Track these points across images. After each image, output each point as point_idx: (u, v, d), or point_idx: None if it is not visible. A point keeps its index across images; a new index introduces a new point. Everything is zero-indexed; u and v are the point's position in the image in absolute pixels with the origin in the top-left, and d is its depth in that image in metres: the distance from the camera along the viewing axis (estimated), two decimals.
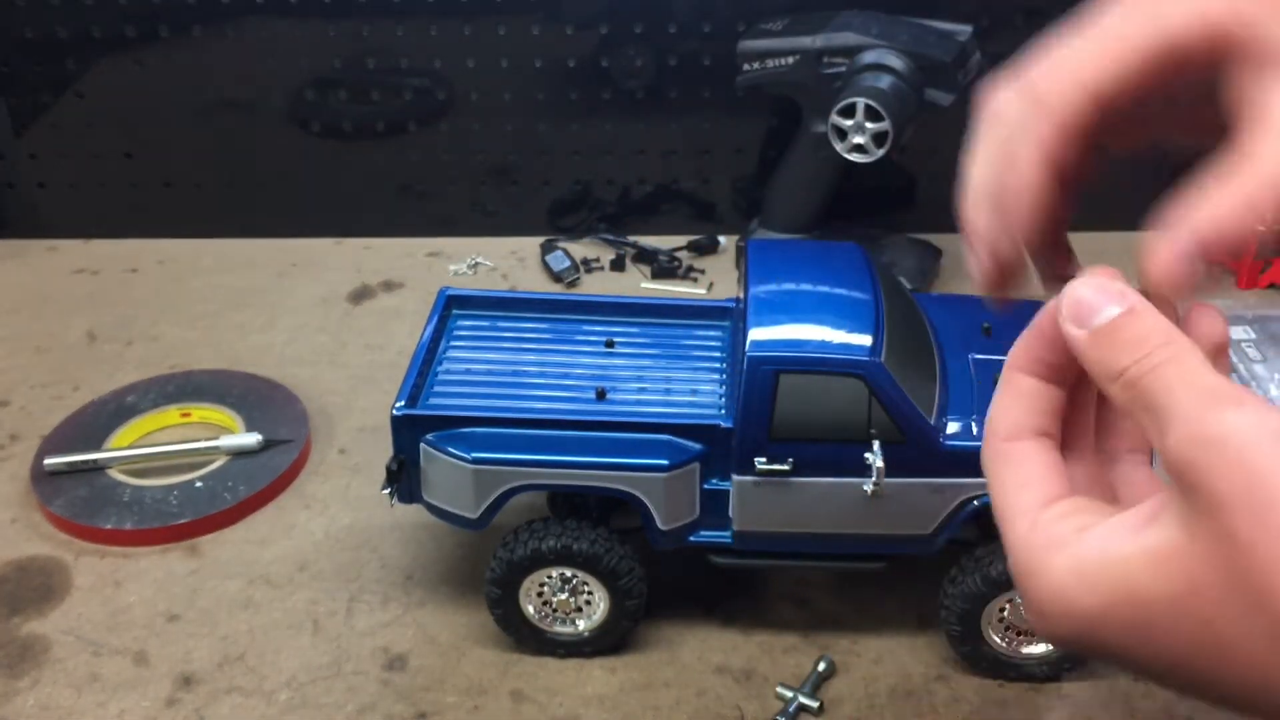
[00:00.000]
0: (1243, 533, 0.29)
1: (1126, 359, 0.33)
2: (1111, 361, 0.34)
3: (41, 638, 0.89)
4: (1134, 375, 0.33)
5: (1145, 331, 0.34)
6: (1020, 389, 0.39)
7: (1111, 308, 0.35)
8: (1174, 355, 0.33)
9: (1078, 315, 0.35)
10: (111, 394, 1.13)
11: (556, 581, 0.84)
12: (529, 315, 0.95)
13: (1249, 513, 0.29)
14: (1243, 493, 0.29)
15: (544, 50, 1.34)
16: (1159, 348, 0.33)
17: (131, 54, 1.35)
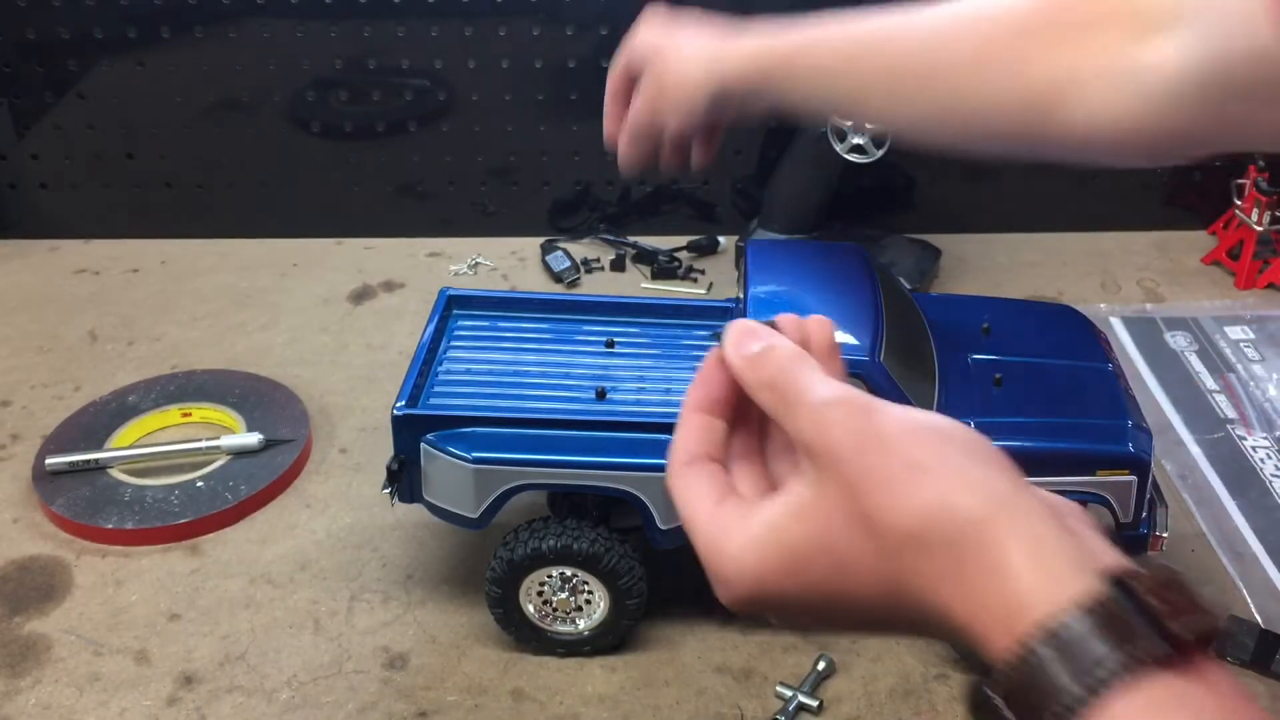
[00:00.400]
0: (852, 476, 0.39)
1: (770, 371, 0.44)
2: (760, 375, 0.44)
3: (43, 637, 0.89)
4: (777, 381, 0.43)
5: (780, 354, 0.44)
6: (693, 424, 0.47)
7: (758, 342, 0.45)
8: (797, 366, 0.44)
9: (738, 346, 0.45)
10: (113, 394, 1.14)
11: (557, 581, 0.84)
12: (529, 315, 0.96)
13: (854, 462, 0.39)
14: (847, 448, 0.39)
15: (544, 51, 1.34)
16: (788, 360, 0.44)
17: (133, 55, 1.35)
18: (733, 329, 0.46)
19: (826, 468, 0.40)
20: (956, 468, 0.38)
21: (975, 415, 0.82)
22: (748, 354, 0.45)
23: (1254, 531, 0.97)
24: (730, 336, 0.46)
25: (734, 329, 0.46)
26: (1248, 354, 1.19)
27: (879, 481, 0.38)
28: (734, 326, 0.46)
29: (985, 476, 0.38)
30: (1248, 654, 0.85)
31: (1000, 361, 0.87)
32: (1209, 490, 1.01)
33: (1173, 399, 1.13)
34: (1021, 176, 1.41)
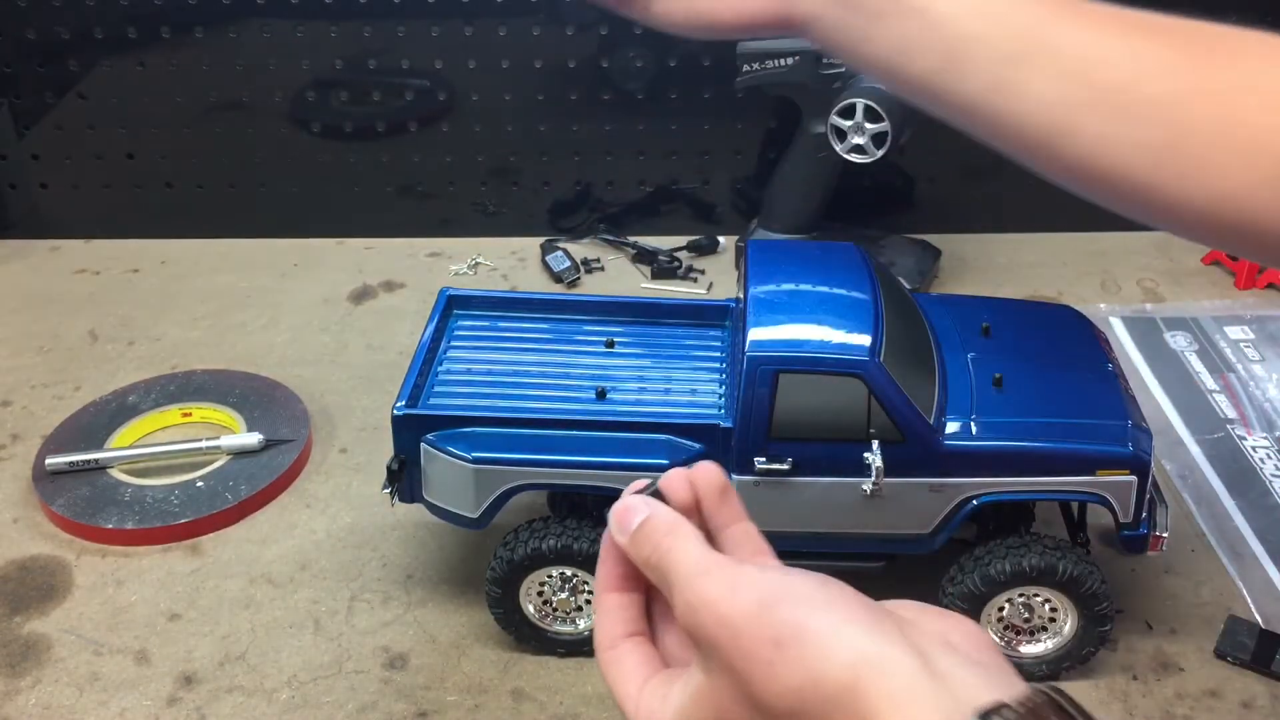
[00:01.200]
0: (729, 660, 0.40)
1: (648, 550, 0.44)
2: (641, 554, 0.44)
3: (43, 637, 0.89)
4: (653, 561, 0.44)
5: (653, 526, 0.44)
6: (608, 605, 0.47)
7: (637, 517, 0.45)
8: (672, 539, 0.44)
9: (620, 526, 0.45)
10: (113, 394, 1.14)
11: (557, 581, 0.84)
12: (529, 315, 0.96)
13: (727, 646, 0.40)
14: (725, 636, 0.40)
15: (544, 51, 1.34)
16: (664, 538, 0.44)
17: (133, 55, 1.35)
18: (615, 509, 0.46)
19: (708, 654, 0.41)
20: (818, 635, 0.39)
21: (974, 415, 0.82)
22: (628, 531, 0.45)
23: (1254, 531, 0.97)
24: (613, 517, 0.46)
25: (616, 509, 0.46)
26: (1248, 354, 1.19)
27: (752, 664, 0.39)
28: (616, 507, 0.46)
29: (849, 637, 0.38)
30: (1248, 654, 0.85)
31: (1000, 361, 0.87)
32: (1209, 490, 1.01)
33: (1173, 399, 1.13)
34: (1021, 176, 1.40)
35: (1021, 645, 0.84)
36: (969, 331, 0.90)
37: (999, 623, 0.83)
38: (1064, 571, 0.80)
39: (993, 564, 0.81)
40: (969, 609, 0.82)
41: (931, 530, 0.82)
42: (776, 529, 0.83)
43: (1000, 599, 0.82)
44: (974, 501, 0.81)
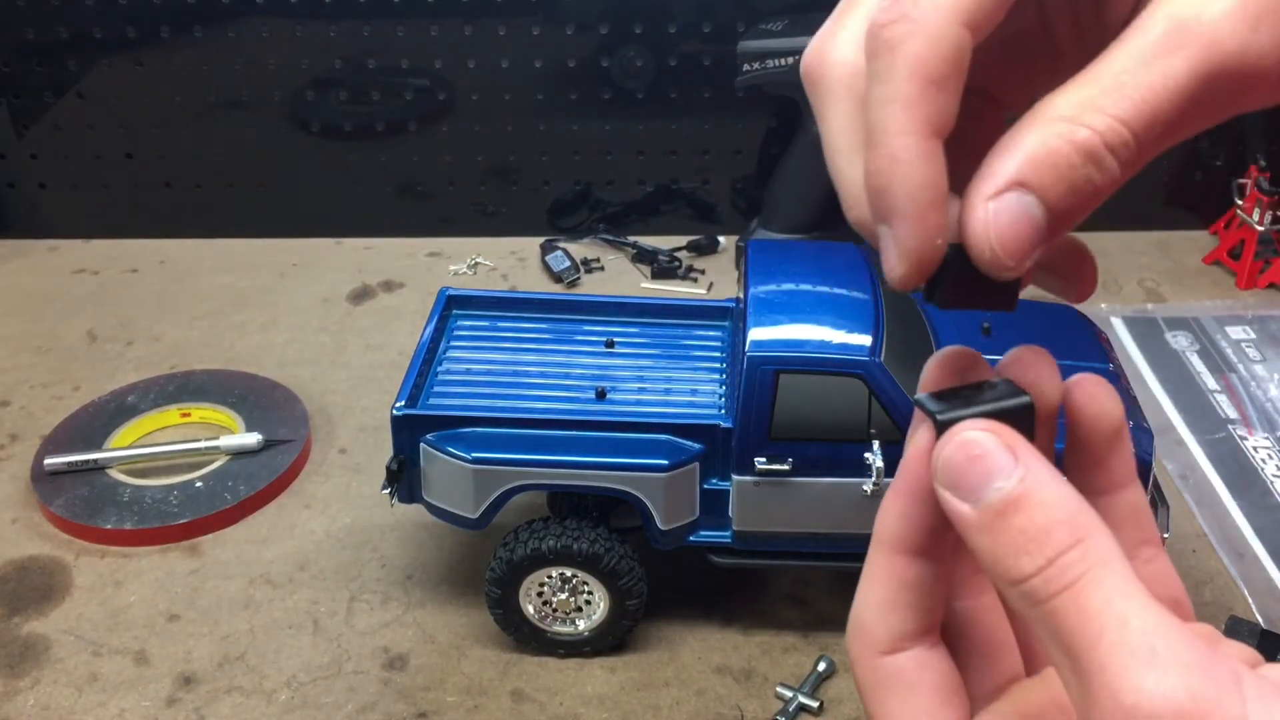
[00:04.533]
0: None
1: (1028, 564, 0.25)
2: (1008, 562, 0.25)
3: (42, 637, 0.89)
4: (1039, 591, 0.25)
5: (1048, 522, 0.25)
6: (898, 577, 0.29)
7: (1000, 480, 0.26)
8: (1092, 570, 0.24)
9: (958, 483, 0.26)
10: (112, 394, 1.13)
11: (556, 581, 0.84)
12: (529, 315, 0.95)
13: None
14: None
15: (544, 51, 1.34)
16: (1069, 552, 0.25)
17: (132, 55, 1.35)
18: (947, 442, 0.27)
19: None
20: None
21: None
22: (980, 498, 0.26)
23: (1255, 532, 0.97)
24: (942, 457, 0.27)
25: (949, 443, 0.27)
26: (1249, 354, 1.19)
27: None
28: (950, 438, 0.27)
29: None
30: None
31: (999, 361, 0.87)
32: (1210, 490, 1.01)
33: (1174, 399, 1.13)
34: None
35: None
36: (969, 331, 0.90)
37: None
38: None
39: None
40: None
41: None
42: (777, 529, 0.83)
43: None
44: None
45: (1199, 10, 0.26)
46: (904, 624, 0.29)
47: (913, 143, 0.26)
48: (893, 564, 0.29)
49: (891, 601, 0.28)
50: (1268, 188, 1.29)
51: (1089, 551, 0.24)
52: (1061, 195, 0.26)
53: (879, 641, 0.29)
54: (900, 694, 0.28)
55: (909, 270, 0.27)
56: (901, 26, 0.27)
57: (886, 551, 0.29)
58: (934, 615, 0.29)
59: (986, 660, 0.31)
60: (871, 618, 0.29)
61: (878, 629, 0.29)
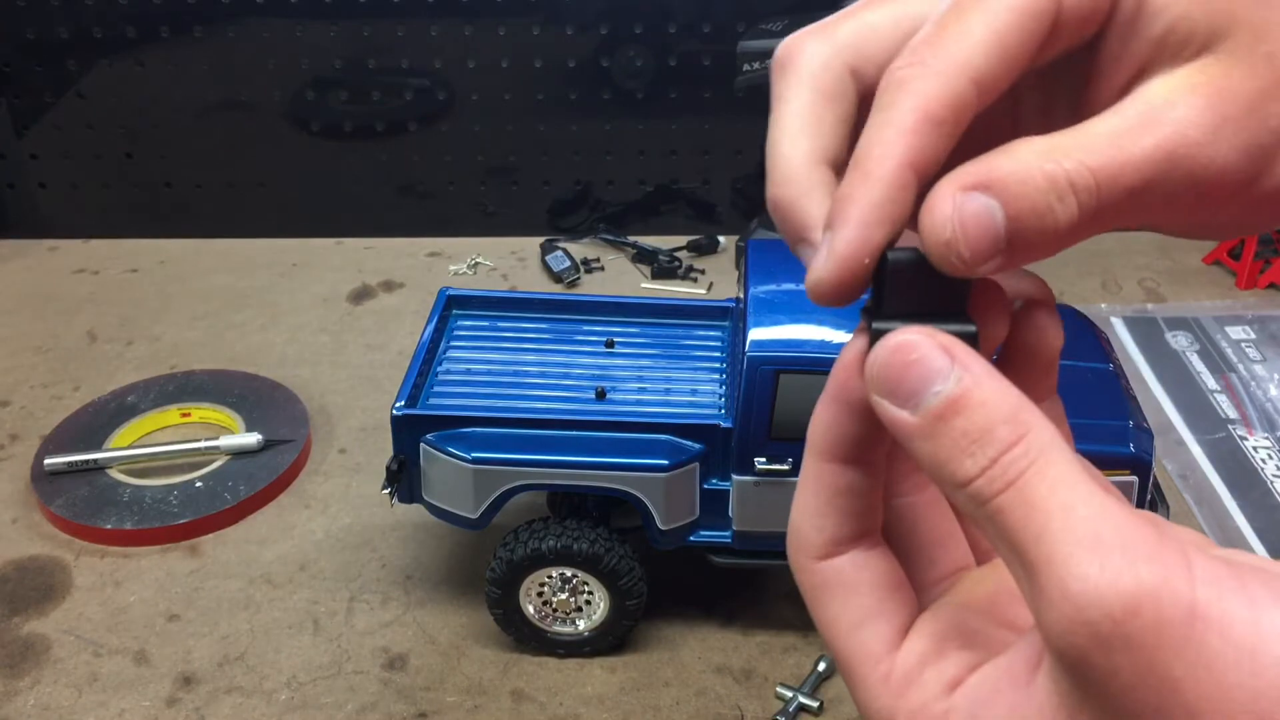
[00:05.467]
0: None
1: (972, 466, 0.24)
2: (952, 465, 0.25)
3: (42, 637, 0.89)
4: (984, 491, 0.24)
5: (989, 421, 0.24)
6: (828, 484, 0.29)
7: (938, 383, 0.25)
8: (1036, 463, 0.24)
9: (894, 390, 0.26)
10: (112, 394, 1.13)
11: (556, 581, 0.84)
12: (529, 315, 0.95)
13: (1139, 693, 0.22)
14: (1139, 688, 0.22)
15: (544, 50, 1.34)
16: (1013, 449, 0.24)
17: (132, 54, 1.35)
18: (882, 347, 0.27)
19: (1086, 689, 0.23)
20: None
21: None
22: (919, 402, 0.25)
23: (1255, 532, 0.97)
24: (875, 361, 0.27)
25: (884, 347, 0.27)
26: (1249, 354, 1.19)
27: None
28: (884, 344, 0.27)
29: None
30: None
31: None
32: (1210, 491, 1.01)
33: (1174, 399, 1.13)
34: None
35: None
36: None
37: None
38: None
39: None
40: None
41: None
42: (777, 529, 0.83)
43: None
44: None
45: (1172, 103, 0.27)
46: (838, 529, 0.29)
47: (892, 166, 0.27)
48: (823, 471, 0.29)
49: (824, 508, 0.29)
50: None
51: (1031, 445, 0.24)
52: (1023, 211, 0.26)
53: (815, 547, 0.29)
54: (840, 596, 0.28)
55: (832, 273, 0.28)
56: (915, 69, 0.28)
57: (817, 459, 0.29)
58: (869, 518, 0.29)
59: (932, 554, 0.31)
60: (806, 525, 0.29)
61: (812, 535, 0.29)
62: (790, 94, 0.32)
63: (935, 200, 0.26)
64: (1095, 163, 0.26)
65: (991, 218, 0.26)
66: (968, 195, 0.26)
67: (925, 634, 0.28)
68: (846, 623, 0.28)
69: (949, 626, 0.28)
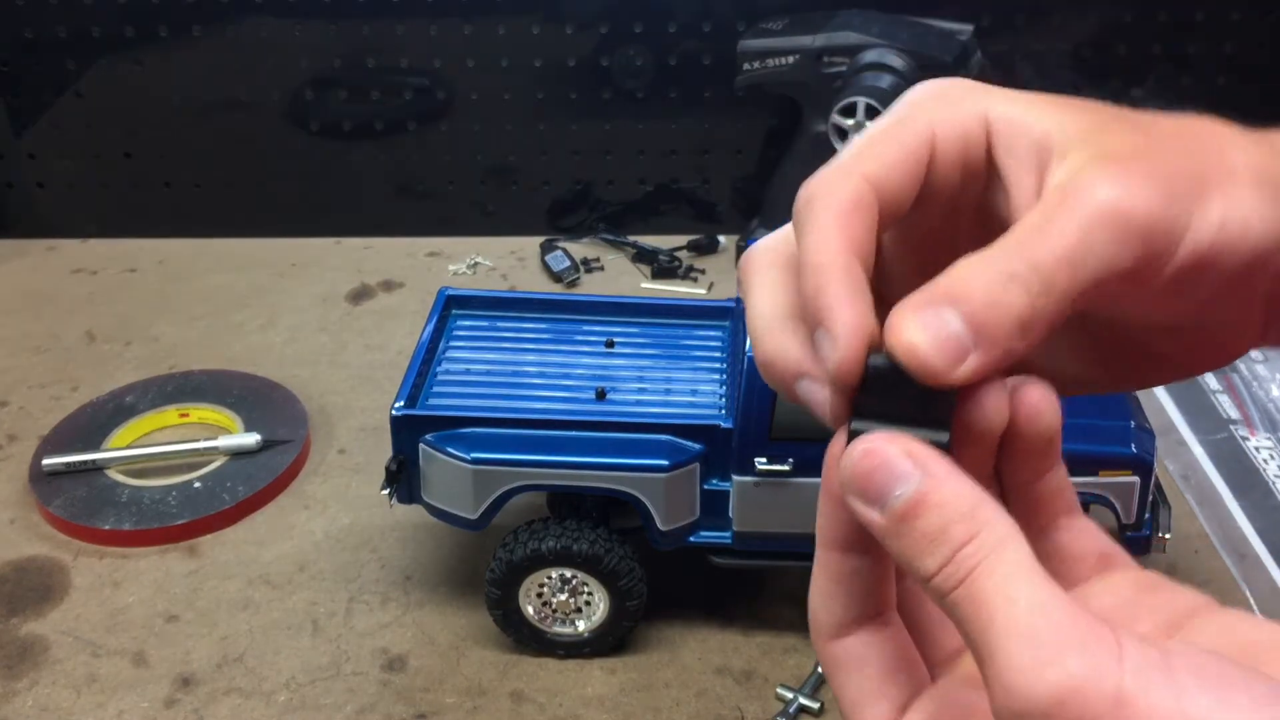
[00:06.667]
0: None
1: (931, 563, 0.26)
2: (916, 562, 0.27)
3: (40, 638, 0.89)
4: (942, 586, 0.26)
5: (944, 522, 0.26)
6: (834, 570, 0.31)
7: (900, 487, 0.27)
8: (986, 559, 0.26)
9: (863, 491, 0.28)
10: (110, 394, 1.13)
11: (556, 582, 0.84)
12: (529, 315, 0.95)
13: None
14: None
15: (544, 50, 1.34)
16: (965, 546, 0.26)
17: (131, 54, 1.34)
18: (856, 452, 0.29)
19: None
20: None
21: None
22: (885, 504, 0.28)
23: (1257, 533, 0.96)
24: (850, 464, 0.29)
25: (859, 454, 0.29)
26: (1250, 354, 1.18)
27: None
28: (857, 449, 0.29)
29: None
30: None
31: None
32: (1212, 491, 1.01)
33: (1175, 399, 1.12)
34: None
35: None
36: None
37: None
38: None
39: None
40: None
41: None
42: (777, 530, 0.83)
43: None
44: None
45: (1079, 178, 0.29)
46: (845, 612, 0.31)
47: (834, 253, 0.29)
48: (828, 559, 0.31)
49: (832, 591, 0.31)
50: None
51: (984, 543, 0.26)
52: (977, 308, 0.28)
53: (826, 629, 0.31)
54: (850, 674, 0.31)
55: (838, 370, 0.29)
56: (814, 185, 0.31)
57: (821, 547, 0.32)
58: (875, 600, 0.31)
59: (937, 633, 0.33)
60: (817, 608, 0.32)
61: (823, 618, 0.31)
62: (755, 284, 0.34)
63: (893, 321, 0.28)
64: (1036, 254, 0.28)
65: (949, 325, 0.27)
66: (924, 311, 0.28)
67: (920, 712, 0.30)
68: (850, 700, 0.31)
69: (942, 706, 0.30)
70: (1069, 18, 1.31)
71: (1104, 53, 1.33)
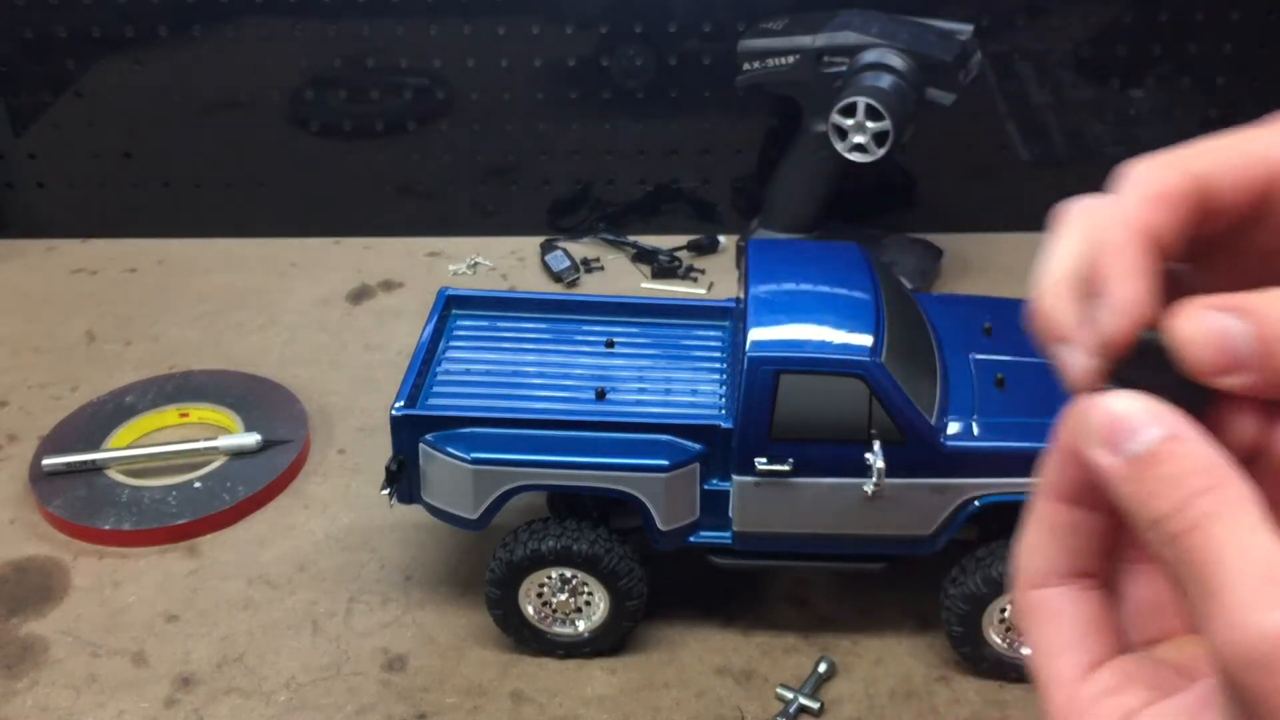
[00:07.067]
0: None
1: (1165, 504, 0.27)
2: (1147, 504, 0.27)
3: (40, 638, 0.89)
4: (1172, 528, 0.27)
5: (1184, 471, 0.27)
6: (1050, 521, 0.32)
7: (1145, 435, 0.28)
8: (1219, 507, 0.26)
9: (1111, 437, 0.29)
10: (110, 394, 1.13)
11: (556, 582, 0.84)
12: (529, 315, 0.95)
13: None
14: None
15: (544, 50, 1.34)
16: (1200, 494, 0.27)
17: (131, 54, 1.34)
18: (1105, 401, 0.29)
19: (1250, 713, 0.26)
20: None
21: (976, 415, 0.82)
22: (1122, 451, 0.28)
23: None
24: (1098, 411, 0.29)
25: (1107, 401, 0.29)
26: None
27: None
28: (1107, 398, 0.29)
29: None
30: None
31: (1002, 361, 0.87)
32: None
33: None
34: (1024, 175, 1.40)
35: (1024, 646, 0.83)
36: (970, 332, 0.90)
37: (1001, 624, 0.83)
38: None
39: (994, 565, 0.80)
40: (971, 610, 0.81)
41: (933, 531, 0.82)
42: (777, 530, 0.83)
43: (1002, 600, 0.82)
44: (975, 502, 0.81)
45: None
46: (1052, 564, 0.32)
47: (1130, 230, 0.30)
48: (1045, 509, 0.32)
49: (1041, 543, 0.32)
50: None
51: (1223, 496, 0.27)
52: (1270, 335, 0.28)
53: (1031, 575, 0.32)
54: (1046, 623, 0.31)
55: (1109, 338, 0.30)
56: (1139, 164, 0.30)
57: (1041, 498, 0.32)
58: (1085, 560, 0.32)
59: (1149, 615, 0.33)
60: (1024, 555, 0.32)
61: (1028, 564, 0.32)
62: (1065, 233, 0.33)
63: (1183, 309, 0.29)
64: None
65: (1235, 334, 0.28)
66: (1217, 312, 0.28)
67: (1115, 670, 0.30)
68: (1045, 648, 0.31)
69: (1138, 669, 0.30)
70: (1069, 18, 1.31)
71: (1104, 53, 1.33)
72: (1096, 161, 1.39)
